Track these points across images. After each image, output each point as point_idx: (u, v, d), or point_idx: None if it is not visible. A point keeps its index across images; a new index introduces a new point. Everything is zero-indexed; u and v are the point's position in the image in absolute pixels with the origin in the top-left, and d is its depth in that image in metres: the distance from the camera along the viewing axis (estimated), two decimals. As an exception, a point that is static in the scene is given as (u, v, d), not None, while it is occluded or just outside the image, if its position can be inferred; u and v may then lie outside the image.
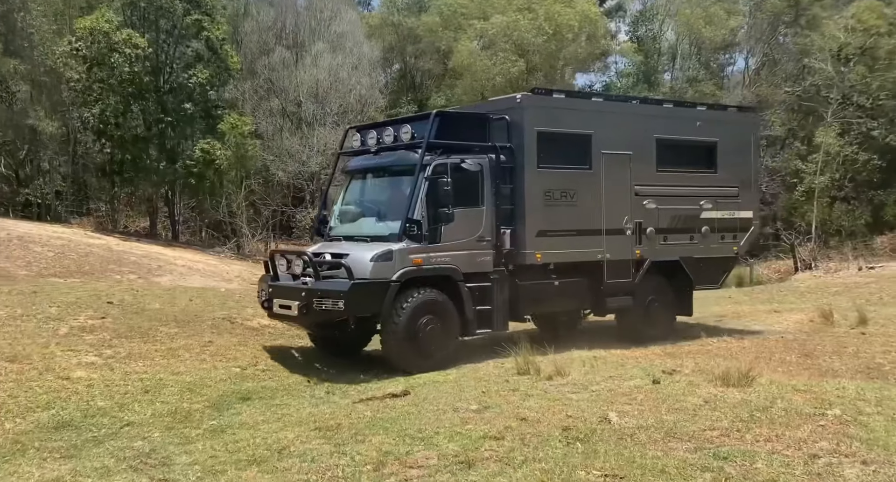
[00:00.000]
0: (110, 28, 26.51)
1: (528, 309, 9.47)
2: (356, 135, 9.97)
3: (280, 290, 8.41)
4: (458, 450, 5.17)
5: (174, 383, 7.28)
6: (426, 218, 8.33)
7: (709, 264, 10.70)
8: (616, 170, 9.76)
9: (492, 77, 28.39)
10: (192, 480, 4.88)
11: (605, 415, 5.70)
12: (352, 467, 5.01)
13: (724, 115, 11.60)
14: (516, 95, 9.54)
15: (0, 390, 6.33)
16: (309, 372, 8.62)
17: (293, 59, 32.23)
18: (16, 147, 33.04)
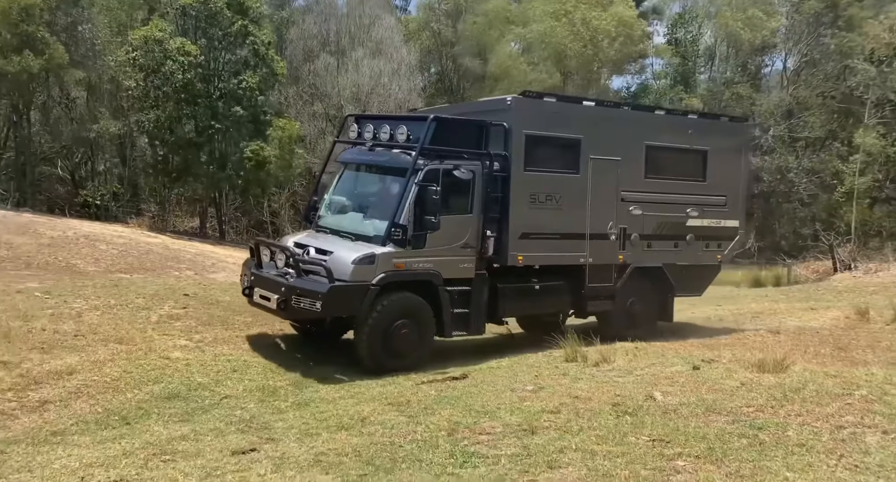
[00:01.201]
0: (164, 37, 27.91)
1: (508, 312, 9.52)
2: (354, 125, 9.79)
3: (261, 281, 8.35)
4: (520, 421, 5.88)
5: (257, 364, 8.14)
6: (412, 223, 8.24)
7: (692, 272, 10.77)
8: (603, 175, 9.74)
9: (528, 82, 28.98)
10: (293, 440, 5.68)
11: (650, 394, 6.35)
12: (428, 433, 5.76)
13: (716, 124, 11.59)
14: (506, 97, 9.48)
15: (117, 366, 7.27)
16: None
17: (336, 65, 33.30)
18: (72, 151, 34.90)
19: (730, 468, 4.42)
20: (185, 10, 29.22)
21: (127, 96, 30.21)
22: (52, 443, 5.33)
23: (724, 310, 13.68)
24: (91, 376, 6.97)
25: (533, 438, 5.38)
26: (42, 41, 27.30)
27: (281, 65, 30.58)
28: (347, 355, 8.60)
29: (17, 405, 6.04)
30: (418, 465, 4.97)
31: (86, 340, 7.84)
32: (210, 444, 5.55)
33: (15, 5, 26.64)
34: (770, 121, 31.53)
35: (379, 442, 5.61)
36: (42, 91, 30.25)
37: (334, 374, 8.07)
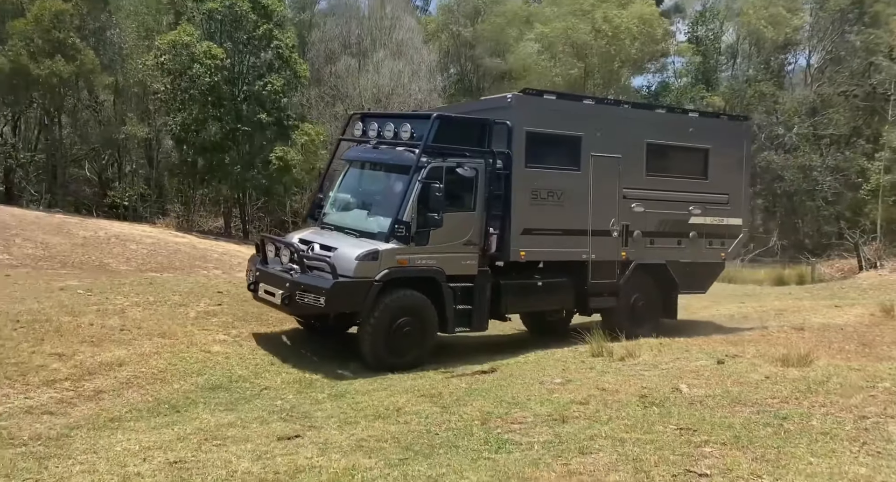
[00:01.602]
0: (191, 41, 28.51)
1: (511, 308, 9.58)
2: (358, 123, 9.87)
3: (266, 276, 8.45)
4: (551, 411, 6.11)
5: (294, 358, 8.46)
6: (415, 220, 8.32)
7: (696, 269, 10.82)
8: (605, 172, 9.84)
9: (551, 79, 29.11)
10: (333, 428, 5.97)
11: (675, 386, 6.55)
12: (462, 422, 6.01)
13: (717, 122, 11.70)
14: (507, 95, 9.61)
15: (162, 359, 7.64)
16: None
17: (357, 67, 33.70)
18: (99, 153, 35.76)
19: (755, 453, 4.62)
20: (212, 14, 29.81)
21: (155, 99, 30.92)
22: (111, 428, 5.68)
23: (748, 308, 13.76)
24: (139, 368, 7.33)
25: (564, 427, 5.61)
26: (73, 47, 28.06)
27: (304, 67, 31.06)
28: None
29: (75, 394, 6.41)
30: (455, 451, 5.22)
31: (131, 334, 8.21)
32: (256, 431, 5.86)
33: (47, 12, 27.39)
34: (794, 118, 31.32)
35: (415, 430, 5.88)
36: (72, 95, 31.05)
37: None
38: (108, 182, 36.87)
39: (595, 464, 4.64)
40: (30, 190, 33.37)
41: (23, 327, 7.65)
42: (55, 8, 27.50)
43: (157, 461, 4.94)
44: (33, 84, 27.77)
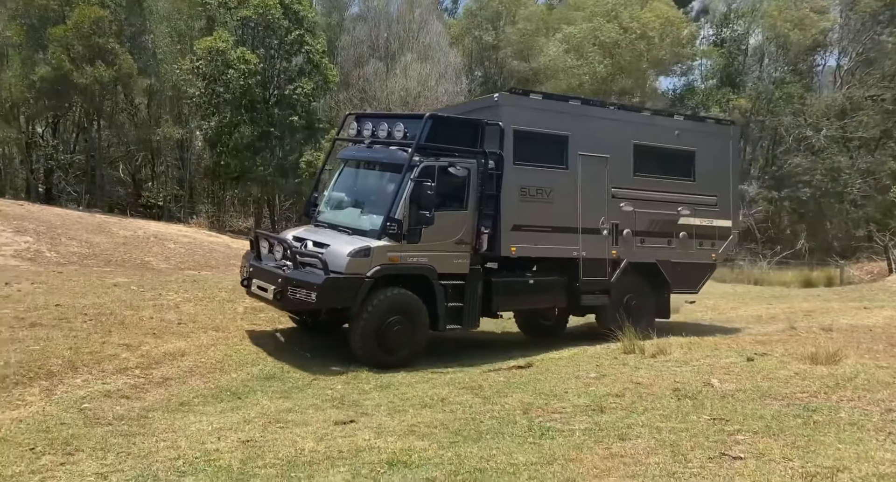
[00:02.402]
0: (226, 47, 29.31)
1: (503, 306, 9.65)
2: (353, 123, 10.00)
3: (259, 272, 8.52)
4: (588, 402, 6.47)
5: (337, 351, 8.91)
6: (407, 218, 8.40)
7: (686, 269, 10.96)
8: (593, 171, 10.00)
9: (578, 77, 29.34)
10: (384, 414, 6.39)
11: (707, 381, 6.86)
12: (504, 412, 6.40)
13: (703, 126, 11.83)
14: (494, 95, 9.84)
15: (219, 351, 8.15)
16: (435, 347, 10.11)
17: (385, 70, 34.26)
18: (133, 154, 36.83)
19: (786, 441, 4.93)
20: (245, 21, 30.59)
21: (189, 103, 31.81)
22: (183, 411, 6.16)
23: (776, 309, 13.92)
24: (199, 358, 7.84)
25: (602, 416, 5.96)
26: (112, 52, 29.00)
27: (333, 72, 31.73)
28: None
29: (145, 381, 6.92)
30: (501, 436, 5.61)
31: (188, 327, 8.73)
32: (313, 416, 6.30)
33: (86, 19, 28.33)
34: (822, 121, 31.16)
35: (461, 417, 6.27)
36: (110, 98, 32.04)
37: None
38: (141, 183, 37.99)
39: (635, 448, 4.99)
40: (69, 190, 34.53)
41: (91, 320, 8.20)
42: (94, 14, 28.44)
43: (231, 440, 5.41)
44: (74, 89, 28.77)
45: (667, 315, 11.06)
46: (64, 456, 4.91)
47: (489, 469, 4.75)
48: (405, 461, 4.98)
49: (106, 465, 4.76)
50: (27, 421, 5.51)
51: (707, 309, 13.68)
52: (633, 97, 33.09)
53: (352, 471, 4.77)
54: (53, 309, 8.42)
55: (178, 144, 35.86)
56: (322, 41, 32.75)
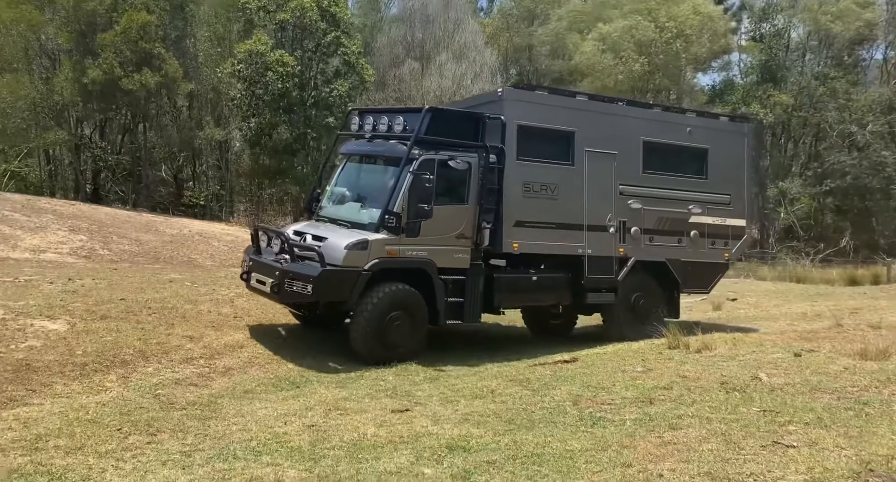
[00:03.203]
0: (265, 50, 29.98)
1: (505, 302, 9.48)
2: (356, 119, 9.94)
3: (258, 266, 8.54)
4: (636, 395, 6.60)
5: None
6: (406, 211, 8.30)
7: (697, 268, 10.75)
8: (600, 168, 9.81)
9: (614, 76, 29.22)
10: (436, 404, 6.63)
11: (755, 375, 6.92)
12: (554, 403, 6.57)
13: (716, 123, 11.53)
14: (498, 90, 9.73)
15: (274, 343, 8.51)
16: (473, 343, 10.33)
17: (420, 70, 34.59)
18: (174, 155, 37.93)
19: (838, 431, 5.00)
20: (283, 24, 31.23)
21: (230, 105, 32.63)
22: (248, 398, 6.49)
23: (821, 306, 13.78)
24: (257, 350, 8.20)
25: (651, 408, 6.10)
26: (158, 57, 29.91)
27: (369, 72, 32.20)
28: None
29: (210, 370, 7.29)
30: (554, 425, 5.79)
31: (244, 321, 9.11)
32: (369, 405, 6.57)
33: (134, 24, 29.27)
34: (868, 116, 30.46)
35: (513, 408, 6.47)
36: (155, 101, 33.06)
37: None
38: (183, 182, 39.10)
39: (686, 436, 5.13)
40: (116, 190, 35.71)
41: (155, 313, 8.63)
42: (141, 20, 29.37)
43: (296, 424, 5.70)
44: (122, 93, 29.77)
45: (676, 315, 10.84)
46: (148, 436, 5.27)
47: (546, 454, 4.95)
48: (464, 446, 5.21)
49: (187, 445, 5.10)
50: (109, 404, 5.90)
51: (749, 306, 13.63)
52: (669, 95, 32.79)
53: (414, 453, 5.01)
54: (119, 303, 8.87)
55: (219, 145, 36.86)
56: (358, 42, 33.24)
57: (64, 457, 4.65)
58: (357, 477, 4.51)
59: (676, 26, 28.59)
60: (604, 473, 4.47)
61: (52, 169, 35.01)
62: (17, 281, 9.99)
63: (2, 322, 7.08)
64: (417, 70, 34.57)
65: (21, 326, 7.09)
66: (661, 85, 31.08)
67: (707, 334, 9.64)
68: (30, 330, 7.08)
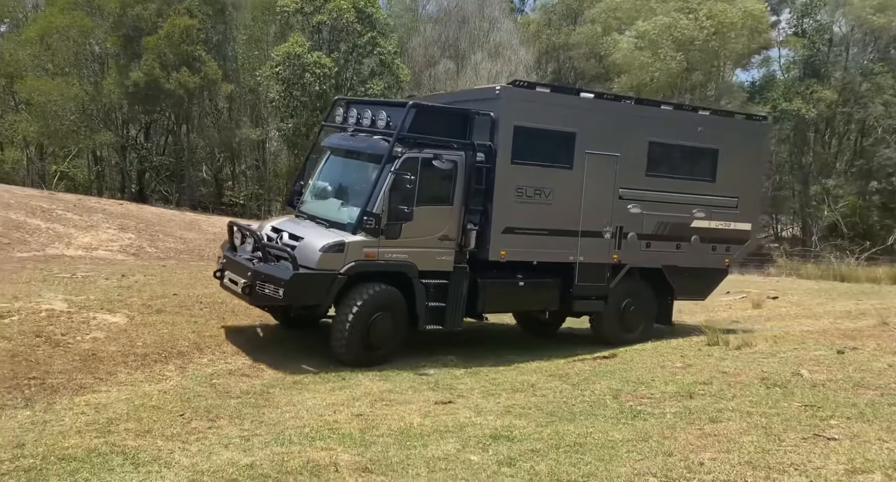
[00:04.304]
0: (302, 52, 30.57)
1: (489, 307, 9.07)
2: (340, 109, 9.45)
3: (232, 264, 8.15)
4: (676, 389, 6.69)
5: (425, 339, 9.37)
6: (386, 212, 7.91)
7: (695, 275, 10.26)
8: (600, 171, 9.28)
9: (651, 73, 28.94)
10: (477, 397, 6.82)
11: (796, 371, 6.95)
12: (594, 396, 6.70)
13: (730, 122, 10.86)
14: (495, 86, 9.03)
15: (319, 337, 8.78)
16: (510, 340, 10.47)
17: (455, 69, 34.79)
18: (214, 155, 38.95)
19: (881, 426, 5.04)
20: (320, 26, 31.79)
21: (269, 106, 33.39)
22: (297, 388, 6.78)
23: (866, 305, 13.54)
24: (302, 343, 8.48)
25: (691, 402, 6.19)
26: (199, 59, 30.77)
27: (405, 72, 32.56)
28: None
29: (260, 361, 7.62)
30: (595, 418, 5.93)
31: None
32: (413, 397, 6.79)
33: (177, 28, 30.16)
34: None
35: (553, 401, 6.63)
36: (197, 103, 34.01)
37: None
38: (222, 182, 40.11)
39: (727, 429, 5.22)
40: (160, 189, 36.85)
41: (206, 307, 9.00)
42: (184, 24, 30.26)
43: (345, 414, 5.96)
44: (164, 95, 30.72)
45: (668, 321, 10.42)
46: (208, 421, 5.58)
47: (588, 444, 5.10)
48: (507, 435, 5.39)
49: (245, 431, 5.40)
50: (170, 392, 6.25)
51: (791, 304, 13.48)
52: (706, 91, 32.33)
53: (460, 441, 5.21)
54: (172, 297, 9.27)
55: (257, 145, 37.70)
56: (394, 42, 33.62)
57: (134, 439, 4.98)
58: (407, 462, 4.72)
59: (715, 23, 28.15)
60: (646, 461, 4.60)
61: (100, 169, 36.28)
62: (75, 277, 10.50)
63: (67, 315, 7.51)
64: (452, 69, 34.76)
65: (85, 319, 7.51)
66: (699, 82, 30.65)
67: (747, 332, 9.66)
68: (93, 322, 7.50)
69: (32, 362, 6.32)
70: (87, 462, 4.51)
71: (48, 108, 30.55)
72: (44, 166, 35.05)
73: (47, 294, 8.21)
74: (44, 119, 30.92)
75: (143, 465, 4.49)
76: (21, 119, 32.42)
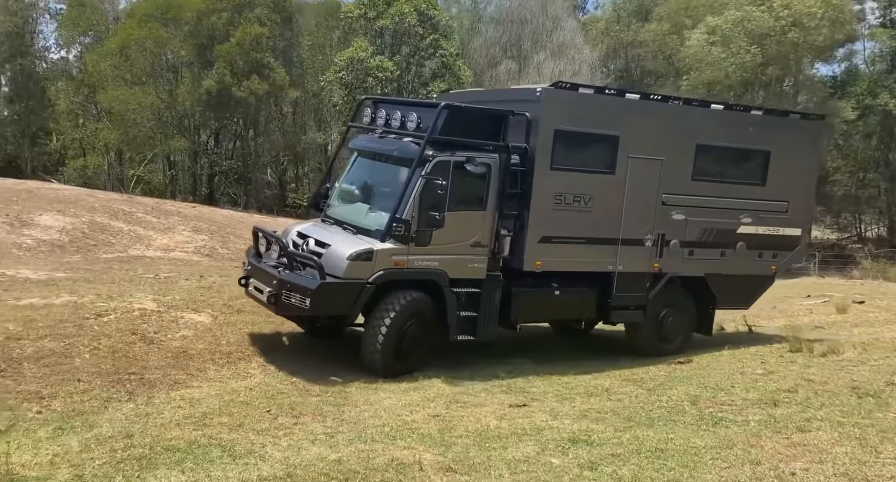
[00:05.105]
0: (365, 56, 31.14)
1: (522, 317, 8.64)
2: (368, 109, 9.07)
3: (257, 272, 7.84)
4: (759, 396, 6.50)
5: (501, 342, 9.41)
6: (416, 218, 7.55)
7: (739, 282, 9.72)
8: (643, 176, 8.81)
9: (724, 69, 28.01)
10: (553, 401, 6.80)
11: (890, 380, 6.62)
12: (672, 402, 6.58)
13: (784, 121, 10.23)
14: (535, 87, 8.52)
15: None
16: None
17: (517, 70, 34.67)
18: (278, 159, 40.14)
19: None
20: (383, 30, 32.31)
21: (333, 110, 34.17)
22: (373, 388, 6.92)
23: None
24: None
25: (776, 409, 6.00)
26: (268, 66, 31.80)
27: (466, 73, 32.70)
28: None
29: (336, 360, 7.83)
30: (673, 423, 5.83)
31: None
32: (487, 399, 6.84)
33: (247, 36, 31.26)
34: None
35: (629, 406, 6.55)
36: (264, 109, 35.16)
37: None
38: (285, 184, 41.29)
39: (817, 439, 5.04)
40: (228, 192, 38.27)
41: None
42: (254, 32, 31.34)
43: (421, 414, 6.06)
44: (234, 101, 31.89)
45: (708, 331, 9.87)
46: (293, 418, 5.79)
47: (670, 449, 5.02)
48: (586, 439, 5.37)
49: (328, 427, 5.57)
50: (256, 389, 6.51)
51: (879, 309, 12.81)
52: (784, 87, 31.08)
53: (539, 444, 5.22)
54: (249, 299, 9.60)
55: (320, 149, 38.62)
56: (455, 43, 33.81)
57: (229, 433, 5.23)
58: (488, 463, 4.77)
59: (793, 13, 26.98)
60: (732, 469, 4.50)
61: (174, 173, 37.95)
62: (159, 277, 11.01)
63: (157, 314, 7.91)
64: (514, 70, 34.65)
65: (174, 318, 7.89)
66: (776, 77, 29.46)
67: (832, 338, 9.27)
68: (181, 321, 7.86)
69: (131, 358, 6.69)
70: (189, 453, 4.77)
71: (127, 117, 32.20)
72: (122, 171, 36.93)
73: (137, 294, 8.65)
74: (123, 127, 32.61)
75: (240, 458, 4.71)
76: (103, 127, 34.30)
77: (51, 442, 4.86)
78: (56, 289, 8.64)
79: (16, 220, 14.21)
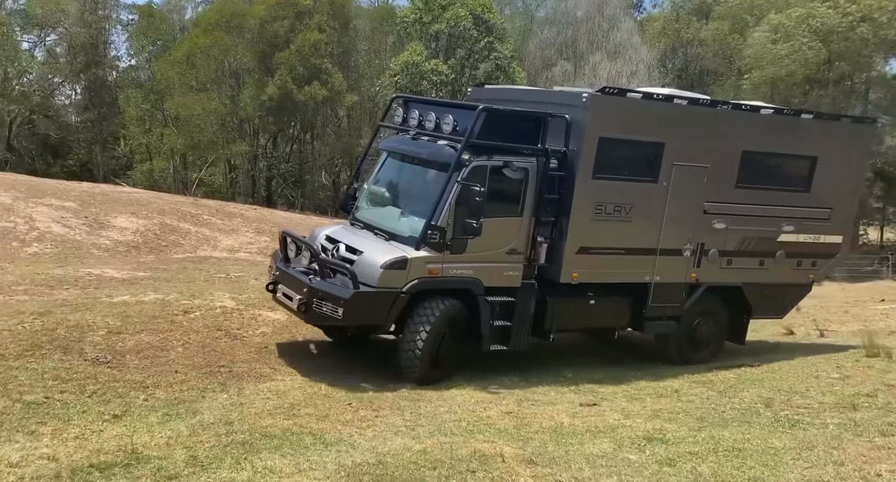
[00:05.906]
0: (420, 60, 31.57)
1: (557, 327, 8.31)
2: (399, 109, 8.71)
3: (287, 278, 7.54)
4: (836, 400, 6.41)
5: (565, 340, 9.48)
6: (451, 225, 7.28)
7: (777, 291, 9.42)
8: (686, 184, 8.50)
9: (786, 66, 27.22)
10: (623, 400, 6.86)
11: (979, 387, 6.44)
12: (745, 404, 6.56)
13: (834, 126, 9.89)
14: (582, 92, 8.16)
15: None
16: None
17: (573, 71, 34.49)
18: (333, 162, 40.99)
19: None
20: (438, 34, 32.69)
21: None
22: (442, 389, 7.03)
23: None
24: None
25: (855, 414, 5.91)
26: (326, 72, 32.58)
27: (521, 76, 32.73)
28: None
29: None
30: (748, 425, 5.82)
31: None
32: (556, 397, 6.94)
33: (307, 43, 32.11)
34: None
35: (701, 407, 6.56)
36: (322, 113, 36.01)
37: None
38: (339, 187, 42.16)
39: (901, 444, 4.98)
40: (286, 194, 39.33)
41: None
42: (313, 39, 32.17)
43: (495, 410, 6.23)
44: (294, 106, 32.79)
45: (741, 341, 9.57)
46: (373, 411, 6.03)
47: (747, 449, 5.04)
48: (661, 438, 5.42)
49: (407, 421, 5.79)
50: (335, 384, 6.80)
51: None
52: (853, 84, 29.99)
53: (615, 441, 5.31)
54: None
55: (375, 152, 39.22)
56: (510, 46, 33.92)
57: (317, 423, 5.52)
58: (566, 457, 4.90)
59: (862, 9, 26.02)
60: (815, 469, 4.50)
61: (234, 176, 39.24)
62: (230, 277, 11.51)
63: (238, 312, 8.31)
64: (570, 71, 34.47)
65: (252, 316, 8.28)
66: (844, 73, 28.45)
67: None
68: (259, 318, 8.24)
69: (219, 352, 7.07)
70: (285, 439, 5.07)
71: (192, 122, 33.50)
72: (186, 174, 38.42)
73: (216, 293, 9.08)
74: (188, 132, 33.94)
75: (331, 445, 4.98)
76: (169, 132, 35.78)
77: (162, 426, 5.24)
78: (141, 288, 9.16)
79: (94, 221, 15.05)
